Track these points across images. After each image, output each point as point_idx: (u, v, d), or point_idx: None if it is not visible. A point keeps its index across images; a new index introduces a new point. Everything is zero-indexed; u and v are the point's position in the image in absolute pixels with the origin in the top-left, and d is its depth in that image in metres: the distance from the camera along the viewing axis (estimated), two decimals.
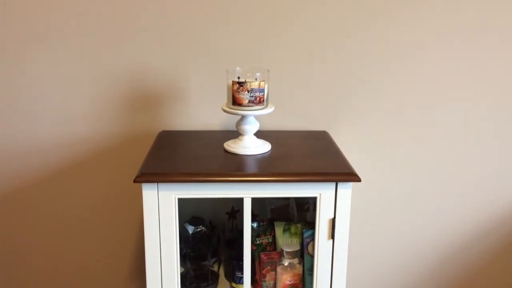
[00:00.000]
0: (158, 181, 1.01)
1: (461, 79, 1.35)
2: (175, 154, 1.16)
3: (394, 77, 1.34)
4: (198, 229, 1.27)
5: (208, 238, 1.28)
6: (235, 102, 1.11)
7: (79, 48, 1.29)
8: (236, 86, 1.09)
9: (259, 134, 1.19)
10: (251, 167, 1.08)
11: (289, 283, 1.17)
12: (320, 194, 1.05)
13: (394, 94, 1.35)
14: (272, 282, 1.20)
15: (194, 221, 1.28)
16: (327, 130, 1.37)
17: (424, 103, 1.36)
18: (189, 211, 1.28)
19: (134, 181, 1.00)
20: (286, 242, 1.21)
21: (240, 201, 1.06)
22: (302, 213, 1.28)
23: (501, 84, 1.36)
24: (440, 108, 1.37)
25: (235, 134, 1.19)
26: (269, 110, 1.13)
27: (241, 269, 1.13)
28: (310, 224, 1.19)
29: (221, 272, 1.31)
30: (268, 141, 1.19)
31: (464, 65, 1.34)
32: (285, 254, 1.18)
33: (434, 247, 1.49)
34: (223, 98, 1.16)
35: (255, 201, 1.07)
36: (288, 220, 1.25)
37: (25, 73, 1.30)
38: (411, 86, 1.35)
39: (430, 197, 1.44)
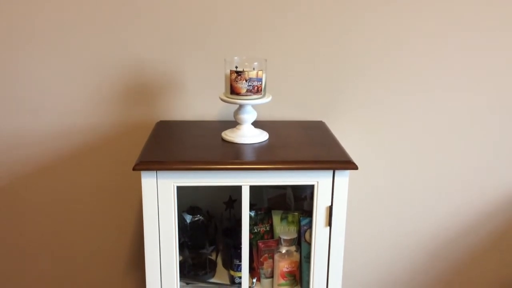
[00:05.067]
0: (157, 169, 1.02)
1: (460, 69, 1.36)
2: (173, 144, 1.16)
3: (391, 67, 1.35)
4: (196, 219, 1.28)
5: (205, 227, 1.29)
6: (233, 91, 1.11)
7: (75, 40, 1.29)
8: (234, 75, 1.10)
9: (256, 124, 1.20)
10: (249, 155, 1.09)
11: (287, 270, 1.18)
12: (317, 182, 1.06)
13: (390, 84, 1.37)
14: (269, 270, 1.21)
15: (192, 210, 1.29)
16: (323, 120, 1.38)
17: (421, 93, 1.38)
18: (186, 201, 1.29)
19: (133, 169, 1.00)
20: (284, 230, 1.23)
21: (237, 190, 1.07)
22: (299, 202, 1.29)
23: (500, 74, 1.37)
24: (437, 98, 1.38)
25: (233, 124, 1.20)
26: (266, 99, 1.14)
27: (239, 257, 1.14)
28: (307, 213, 1.20)
29: (219, 261, 1.32)
30: (266, 131, 1.20)
31: (463, 55, 1.35)
32: (282, 242, 1.19)
33: (432, 235, 1.51)
34: (221, 88, 1.16)
35: (252, 191, 1.08)
36: (285, 209, 1.26)
37: (22, 66, 1.30)
38: (408, 76, 1.36)
39: (428, 186, 1.46)
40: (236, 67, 1.10)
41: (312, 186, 1.07)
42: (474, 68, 1.36)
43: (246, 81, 1.10)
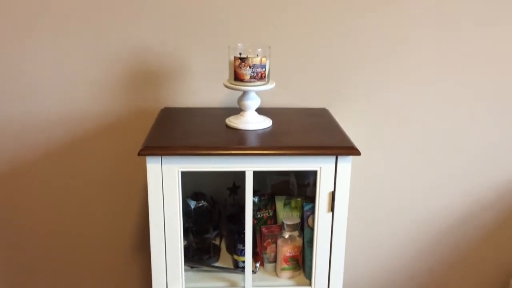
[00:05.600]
0: (161, 154, 1.03)
1: (462, 59, 1.36)
2: (178, 130, 1.17)
3: (395, 55, 1.35)
4: (200, 204, 1.29)
5: (209, 213, 1.31)
6: (237, 77, 1.12)
7: (80, 25, 1.30)
8: (238, 61, 1.11)
9: (260, 111, 1.21)
10: (253, 141, 1.10)
11: (289, 255, 1.20)
12: (320, 168, 1.07)
13: (394, 72, 1.37)
14: (272, 254, 1.23)
15: (196, 196, 1.31)
16: (327, 108, 1.38)
17: (424, 81, 1.38)
18: (190, 187, 1.30)
19: (139, 154, 1.02)
20: (287, 215, 1.24)
21: (241, 177, 1.08)
22: (302, 188, 1.30)
23: (503, 68, 1.38)
24: (440, 86, 1.39)
25: (237, 111, 1.20)
26: (270, 86, 1.15)
27: (242, 241, 1.16)
28: (310, 199, 1.22)
29: (223, 246, 1.34)
30: (269, 118, 1.21)
31: (466, 46, 1.35)
32: (285, 227, 1.20)
33: (433, 221, 1.52)
34: (225, 75, 1.17)
35: (256, 177, 1.09)
36: (288, 195, 1.28)
37: (26, 53, 1.31)
38: (411, 64, 1.36)
39: (429, 175, 1.47)
40: (240, 54, 1.11)
41: (314, 173, 1.08)
42: (480, 59, 1.36)
43: (249, 67, 1.10)
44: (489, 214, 1.53)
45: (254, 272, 1.21)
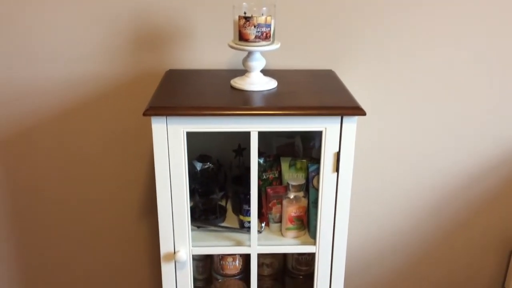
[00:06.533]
0: (166, 115, 1.04)
1: (468, 20, 1.33)
2: (183, 91, 1.17)
3: (402, 17, 1.33)
4: (206, 166, 1.30)
5: (215, 175, 1.32)
6: (242, 37, 1.11)
7: None
8: (243, 21, 1.09)
9: (266, 73, 1.20)
10: (258, 101, 1.10)
11: (294, 215, 1.21)
12: (325, 128, 1.07)
13: (401, 34, 1.34)
14: (278, 215, 1.25)
15: (202, 158, 1.32)
16: (333, 69, 1.37)
17: (431, 44, 1.35)
18: (196, 149, 1.31)
19: (144, 114, 1.02)
20: (292, 176, 1.25)
21: (246, 138, 1.08)
22: (307, 150, 1.31)
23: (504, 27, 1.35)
24: (446, 49, 1.36)
25: (242, 72, 1.19)
26: (275, 46, 1.13)
27: (248, 202, 1.17)
28: (315, 160, 1.22)
29: (229, 207, 1.35)
30: (275, 79, 1.20)
31: (471, 7, 1.32)
32: (291, 188, 1.21)
33: (437, 185, 1.53)
34: (230, 36, 1.16)
35: (261, 139, 1.09)
36: (294, 156, 1.28)
37: (31, 13, 1.30)
38: (419, 26, 1.34)
39: (433, 135, 1.46)
40: (245, 13, 1.09)
41: (320, 134, 1.08)
42: (485, 21, 1.33)
43: (254, 27, 1.09)
44: (493, 178, 1.52)
45: (259, 231, 1.23)
